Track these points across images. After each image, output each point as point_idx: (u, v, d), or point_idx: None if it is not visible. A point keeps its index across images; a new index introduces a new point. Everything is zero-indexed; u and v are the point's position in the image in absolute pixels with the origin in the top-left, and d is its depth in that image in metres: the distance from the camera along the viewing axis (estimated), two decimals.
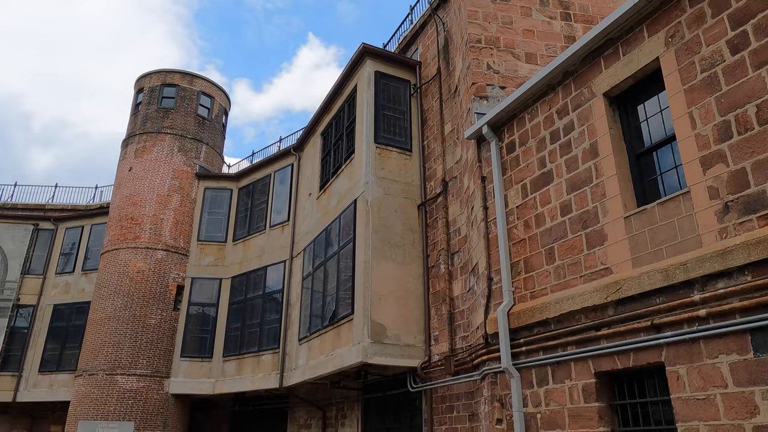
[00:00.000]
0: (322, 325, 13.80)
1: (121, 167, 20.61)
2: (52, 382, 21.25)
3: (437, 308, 12.01)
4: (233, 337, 18.20)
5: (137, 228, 19.06)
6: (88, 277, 22.53)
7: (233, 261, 19.45)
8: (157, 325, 18.12)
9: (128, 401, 17.04)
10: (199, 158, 20.84)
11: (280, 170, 19.19)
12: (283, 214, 18.37)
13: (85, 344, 18.29)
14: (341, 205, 14.12)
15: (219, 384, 17.91)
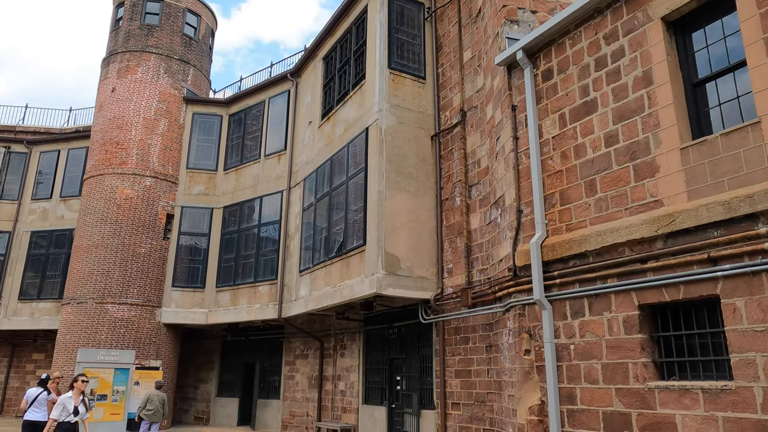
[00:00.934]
0: (327, 257, 13.53)
1: (102, 87, 19.36)
2: (33, 310, 20.68)
3: (451, 241, 11.84)
4: (227, 267, 17.84)
5: (123, 153, 18.12)
6: (66, 203, 21.60)
7: (225, 190, 18.82)
8: (147, 253, 17.58)
9: (120, 330, 16.71)
10: (187, 81, 19.72)
11: (275, 97, 18.32)
12: (279, 143, 17.68)
13: (72, 272, 17.69)
14: (349, 133, 13.57)
15: (212, 314, 17.69)
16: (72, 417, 7.80)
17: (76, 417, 7.87)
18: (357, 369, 14.82)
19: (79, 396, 8.04)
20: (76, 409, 7.93)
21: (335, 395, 15.51)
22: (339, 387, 15.43)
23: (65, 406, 7.82)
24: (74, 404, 7.95)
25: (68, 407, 7.84)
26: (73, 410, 7.86)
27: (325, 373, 16.11)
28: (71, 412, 7.82)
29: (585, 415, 7.56)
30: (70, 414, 7.78)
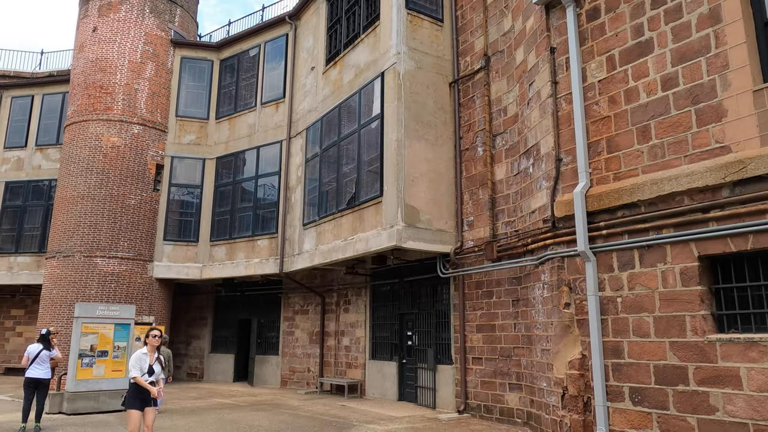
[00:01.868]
0: (337, 209, 12.96)
1: (81, 27, 17.95)
2: (11, 264, 19.65)
3: (472, 193, 11.39)
4: (221, 221, 17.10)
5: (108, 98, 16.95)
6: (43, 152, 20.35)
7: (218, 140, 17.88)
8: (137, 206, 16.69)
9: (111, 285, 15.96)
10: (174, 22, 18.43)
11: (272, 41, 17.27)
12: (276, 91, 16.76)
13: (55, 224, 16.71)
14: (361, 79, 12.81)
15: (207, 269, 17.04)
16: (147, 376, 6.73)
17: (151, 377, 6.77)
18: (363, 324, 14.49)
19: (153, 353, 6.90)
20: (151, 368, 6.81)
21: (338, 351, 15.20)
22: (343, 342, 15.11)
23: (141, 364, 6.74)
24: (149, 362, 6.82)
25: (143, 366, 6.74)
26: (147, 369, 6.76)
27: (327, 329, 15.75)
28: (146, 370, 6.74)
29: (633, 368, 7.34)
30: (144, 373, 6.72)
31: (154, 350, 6.93)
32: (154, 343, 6.91)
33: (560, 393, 8.21)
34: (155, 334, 6.98)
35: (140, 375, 6.70)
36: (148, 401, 6.76)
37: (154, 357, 6.91)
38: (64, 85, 20.62)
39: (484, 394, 10.53)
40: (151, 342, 6.90)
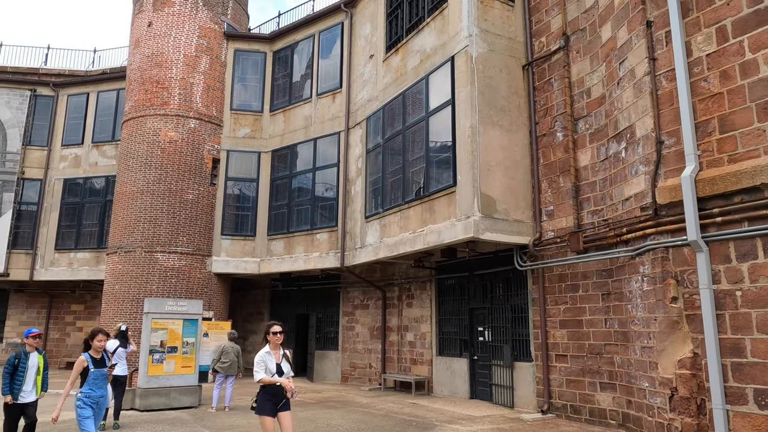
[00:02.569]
0: (403, 200, 12.51)
1: (137, 23, 17.94)
2: (71, 260, 19.92)
3: (551, 181, 10.78)
4: (278, 214, 16.87)
5: (164, 93, 16.89)
6: (99, 149, 20.54)
7: (273, 133, 17.64)
8: (195, 200, 16.60)
9: (171, 280, 15.93)
10: (227, 15, 18.26)
11: (326, 30, 16.90)
12: (332, 81, 16.40)
13: (116, 220, 16.77)
14: (427, 65, 12.31)
15: (265, 263, 16.85)
16: (276, 377, 6.01)
17: (280, 377, 6.05)
18: (429, 319, 14.04)
19: (278, 351, 6.19)
20: (279, 367, 6.08)
21: (402, 346, 14.80)
22: (407, 338, 14.70)
23: (267, 364, 6.03)
24: (275, 361, 6.12)
25: (270, 366, 6.02)
26: (275, 369, 6.05)
27: (389, 324, 15.37)
28: (274, 371, 6.01)
29: (758, 369, 6.67)
30: (273, 374, 6.00)
31: (278, 348, 6.23)
32: (276, 341, 6.18)
33: (668, 394, 7.60)
34: (277, 330, 6.21)
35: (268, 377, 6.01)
36: (281, 405, 6.04)
37: (280, 355, 6.21)
38: (118, 82, 20.77)
39: (570, 393, 9.96)
40: (273, 340, 6.17)
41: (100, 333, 6.31)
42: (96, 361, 6.24)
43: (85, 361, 6.14)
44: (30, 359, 6.85)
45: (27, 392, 6.79)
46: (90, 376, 6.15)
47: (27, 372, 6.78)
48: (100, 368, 6.26)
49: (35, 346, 6.97)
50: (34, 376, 6.85)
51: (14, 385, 6.67)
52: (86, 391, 6.12)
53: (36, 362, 6.90)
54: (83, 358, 6.16)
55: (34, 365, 6.86)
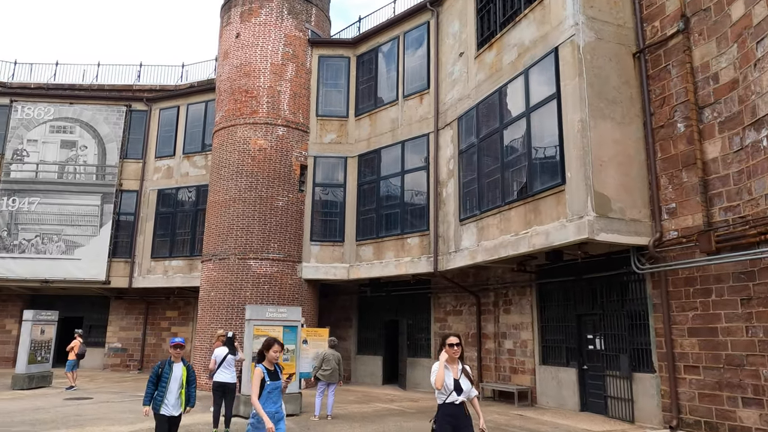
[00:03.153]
0: (503, 201, 11.94)
1: (225, 35, 18.35)
2: (166, 268, 20.61)
3: (672, 176, 9.91)
4: (366, 219, 16.69)
5: (253, 101, 17.13)
6: (190, 160, 21.17)
7: (358, 138, 17.52)
8: (284, 207, 16.70)
9: (264, 286, 16.07)
10: (310, 22, 18.35)
11: (411, 31, 16.61)
12: (419, 82, 16.06)
13: (209, 228, 17.14)
14: (526, 58, 11.71)
15: (354, 269, 16.69)
16: (455, 396, 5.20)
17: (460, 395, 5.22)
18: (529, 326, 13.37)
19: (456, 365, 5.37)
20: (458, 384, 5.26)
21: (500, 354, 14.18)
22: (504, 346, 14.07)
23: (445, 381, 5.23)
24: (453, 376, 5.30)
25: (448, 381, 5.23)
26: (453, 384, 5.25)
27: (484, 331, 14.80)
28: (451, 388, 5.22)
29: None
30: (451, 391, 5.20)
31: (456, 362, 5.40)
32: (453, 354, 5.36)
33: None
34: (453, 342, 5.41)
35: (446, 395, 5.23)
36: (461, 427, 5.23)
37: (459, 370, 5.36)
38: (205, 95, 21.36)
39: (704, 408, 9.05)
40: (449, 353, 5.36)
41: (276, 343, 5.83)
42: (271, 373, 5.76)
43: (262, 373, 5.67)
44: (174, 370, 6.40)
45: (170, 405, 6.32)
46: (266, 389, 5.66)
47: (169, 384, 6.31)
48: (275, 381, 5.77)
49: (180, 356, 6.53)
50: (177, 389, 6.36)
51: (156, 396, 6.29)
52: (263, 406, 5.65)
53: (180, 374, 6.41)
54: (260, 370, 5.70)
55: (177, 377, 6.38)
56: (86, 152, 21.66)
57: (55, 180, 21.30)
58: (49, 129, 21.77)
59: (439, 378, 5.24)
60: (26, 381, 15.27)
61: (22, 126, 21.70)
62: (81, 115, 21.94)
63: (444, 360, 5.34)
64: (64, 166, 21.47)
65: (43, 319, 16.12)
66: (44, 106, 21.95)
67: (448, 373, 5.32)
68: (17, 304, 22.27)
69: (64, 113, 21.90)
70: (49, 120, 21.82)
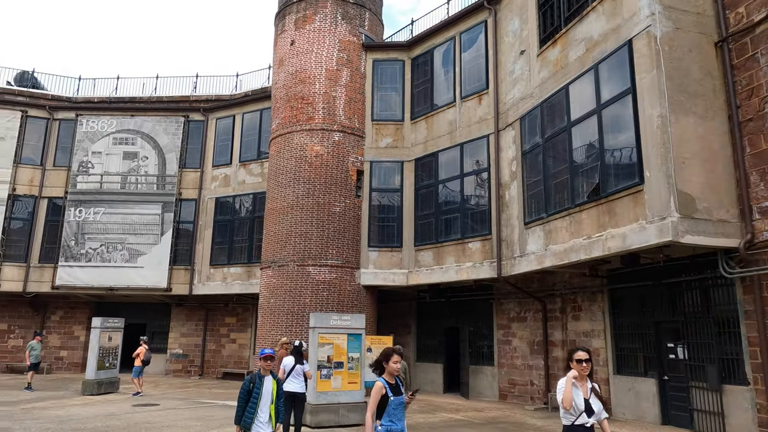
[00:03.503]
0: (573, 203, 11.42)
1: (279, 42, 18.47)
2: (225, 275, 20.87)
3: (764, 173, 9.20)
4: (425, 224, 16.38)
5: (309, 108, 17.13)
6: (246, 168, 21.41)
7: (414, 141, 17.25)
8: (342, 213, 16.60)
9: (323, 293, 15.98)
10: (364, 26, 18.25)
11: (467, 31, 16.26)
12: (477, 83, 15.68)
13: (267, 235, 17.22)
14: (595, 53, 11.19)
15: (413, 275, 16.40)
16: (585, 417, 4.71)
17: (590, 418, 4.74)
18: (601, 334, 12.74)
19: (585, 382, 4.85)
20: (588, 405, 4.76)
21: None
22: None
23: (574, 401, 4.73)
24: (583, 395, 4.80)
25: (578, 401, 4.73)
26: (584, 405, 4.74)
27: (551, 338, 14.23)
28: (582, 408, 4.72)
29: None
30: (581, 412, 4.71)
31: (585, 379, 4.87)
32: (582, 370, 4.83)
33: None
34: (582, 357, 4.85)
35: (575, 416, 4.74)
36: None
37: (588, 388, 4.83)
38: (260, 103, 21.59)
39: None
40: (578, 369, 4.83)
41: (395, 353, 5.15)
42: (392, 387, 5.04)
43: (383, 388, 4.97)
44: (264, 385, 5.94)
45: (262, 423, 5.86)
46: (390, 405, 4.95)
47: (261, 399, 5.87)
48: (399, 395, 5.06)
49: (270, 368, 6.10)
50: (268, 404, 5.93)
51: (247, 414, 5.83)
52: (387, 425, 4.95)
53: (270, 388, 5.99)
54: (380, 384, 4.97)
55: (268, 392, 5.95)
56: (147, 163, 22.23)
57: (118, 190, 21.95)
58: (112, 141, 22.46)
59: (567, 397, 4.73)
60: (95, 387, 15.64)
61: (87, 139, 22.47)
62: (142, 126, 22.55)
63: (572, 377, 4.81)
64: (126, 176, 22.10)
65: (110, 326, 16.51)
66: (107, 119, 22.69)
67: (577, 392, 4.80)
68: (84, 311, 23.04)
69: (125, 125, 22.56)
70: (111, 132, 22.52)
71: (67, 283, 21.19)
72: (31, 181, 22.16)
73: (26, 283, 21.34)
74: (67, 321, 22.96)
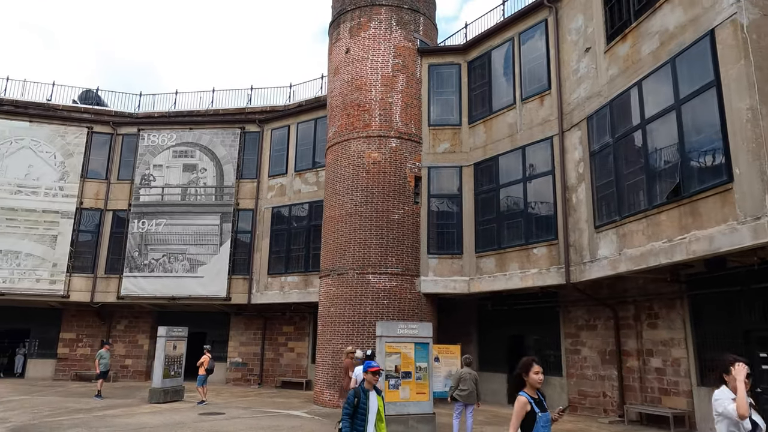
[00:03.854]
0: (649, 204, 10.84)
1: (334, 51, 18.50)
2: (282, 284, 20.97)
3: None
4: (486, 230, 15.98)
5: (366, 115, 17.05)
6: (302, 177, 21.52)
7: (473, 146, 16.90)
8: (400, 220, 16.39)
9: (383, 301, 15.78)
10: (419, 31, 18.07)
11: (526, 31, 15.84)
12: (539, 83, 15.23)
13: (326, 243, 17.17)
14: (671, 46, 10.62)
15: (475, 282, 16.00)
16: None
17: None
18: (682, 342, 12.03)
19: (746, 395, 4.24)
20: (755, 424, 4.31)
21: (645, 374, 12.89)
22: (651, 364, 12.77)
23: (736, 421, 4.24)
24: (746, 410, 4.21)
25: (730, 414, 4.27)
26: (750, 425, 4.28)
27: (624, 347, 13.56)
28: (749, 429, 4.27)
29: None
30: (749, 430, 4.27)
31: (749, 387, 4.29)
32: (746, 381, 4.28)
33: None
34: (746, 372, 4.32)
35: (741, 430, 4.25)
36: None
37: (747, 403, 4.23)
38: (314, 112, 21.70)
39: None
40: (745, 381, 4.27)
41: (535, 363, 4.58)
42: (537, 402, 4.46)
43: (527, 403, 4.42)
44: (370, 400, 5.66)
45: None
46: (538, 422, 4.40)
47: (368, 415, 5.58)
48: (544, 411, 4.51)
49: (375, 383, 5.86)
50: (374, 420, 5.63)
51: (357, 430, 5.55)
52: None
53: (376, 404, 5.71)
54: (524, 399, 4.43)
55: (374, 408, 5.66)
56: (206, 174, 22.66)
57: (178, 202, 22.44)
58: (172, 154, 23.02)
59: (743, 404, 4.17)
60: (162, 395, 15.88)
61: (149, 152, 23.11)
62: (200, 139, 23.03)
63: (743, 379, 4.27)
64: (186, 188, 22.59)
65: (175, 335, 16.78)
66: (167, 133, 23.28)
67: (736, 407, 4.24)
68: (147, 321, 23.60)
69: (184, 138, 23.10)
70: (171, 145, 23.09)
71: (132, 293, 21.76)
72: (96, 195, 22.94)
73: (93, 293, 22.02)
74: (131, 330, 23.56)
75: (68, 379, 22.47)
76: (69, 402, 15.74)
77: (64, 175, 22.58)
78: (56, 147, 22.77)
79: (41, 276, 21.57)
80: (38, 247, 21.74)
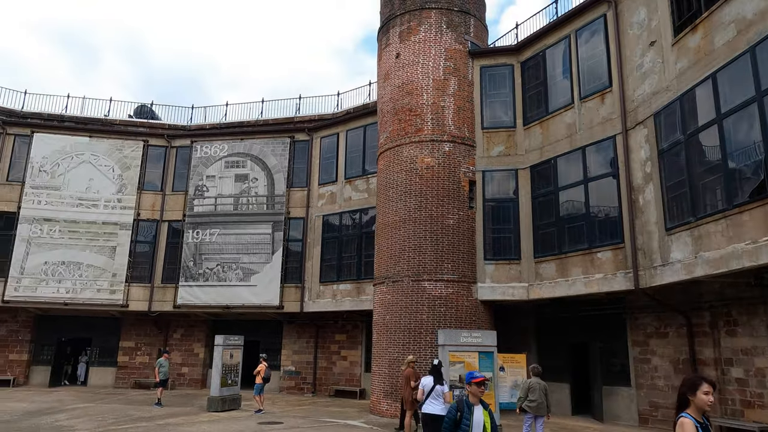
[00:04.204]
0: (729, 204, 10.17)
1: (384, 56, 18.36)
2: (334, 292, 20.87)
3: None
4: (545, 234, 15.44)
5: (418, 119, 16.80)
6: (352, 184, 21.43)
7: (529, 148, 16.41)
8: (455, 225, 16.03)
9: (440, 308, 15.43)
10: (469, 33, 17.74)
11: (583, 27, 15.31)
12: (599, 81, 14.66)
13: (380, 250, 16.96)
14: (750, 35, 9.98)
15: (534, 288, 15.47)
16: None
17: None
18: (766, 351, 11.21)
19: None
20: None
21: (726, 385, 12.09)
22: (732, 374, 11.98)
23: None
24: None
25: None
26: None
27: (699, 356, 12.78)
28: None
29: None
30: None
31: None
32: None
33: None
34: None
35: None
36: None
37: None
38: (362, 119, 21.62)
39: None
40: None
41: (705, 382, 3.98)
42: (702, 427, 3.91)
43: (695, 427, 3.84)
44: (475, 415, 5.15)
45: None
46: None
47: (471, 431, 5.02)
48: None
49: (481, 395, 5.30)
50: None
51: None
52: None
53: (482, 419, 5.14)
54: (689, 422, 3.85)
55: (479, 424, 5.09)
56: (257, 184, 22.87)
57: (231, 212, 22.71)
58: (224, 164, 23.34)
59: None
60: (220, 403, 15.95)
61: (201, 164, 23.51)
62: (251, 149, 23.28)
63: None
64: (238, 198, 22.84)
65: (231, 343, 16.85)
66: (219, 144, 23.64)
67: None
68: (202, 329, 23.92)
69: (236, 149, 23.39)
70: (223, 156, 23.42)
71: (188, 302, 22.08)
72: (152, 206, 23.45)
73: (151, 302, 22.47)
74: (187, 339, 23.92)
75: (128, 386, 22.94)
76: (130, 410, 15.98)
77: (122, 187, 23.20)
78: (114, 160, 23.43)
79: (101, 286, 22.15)
80: (99, 258, 22.35)
